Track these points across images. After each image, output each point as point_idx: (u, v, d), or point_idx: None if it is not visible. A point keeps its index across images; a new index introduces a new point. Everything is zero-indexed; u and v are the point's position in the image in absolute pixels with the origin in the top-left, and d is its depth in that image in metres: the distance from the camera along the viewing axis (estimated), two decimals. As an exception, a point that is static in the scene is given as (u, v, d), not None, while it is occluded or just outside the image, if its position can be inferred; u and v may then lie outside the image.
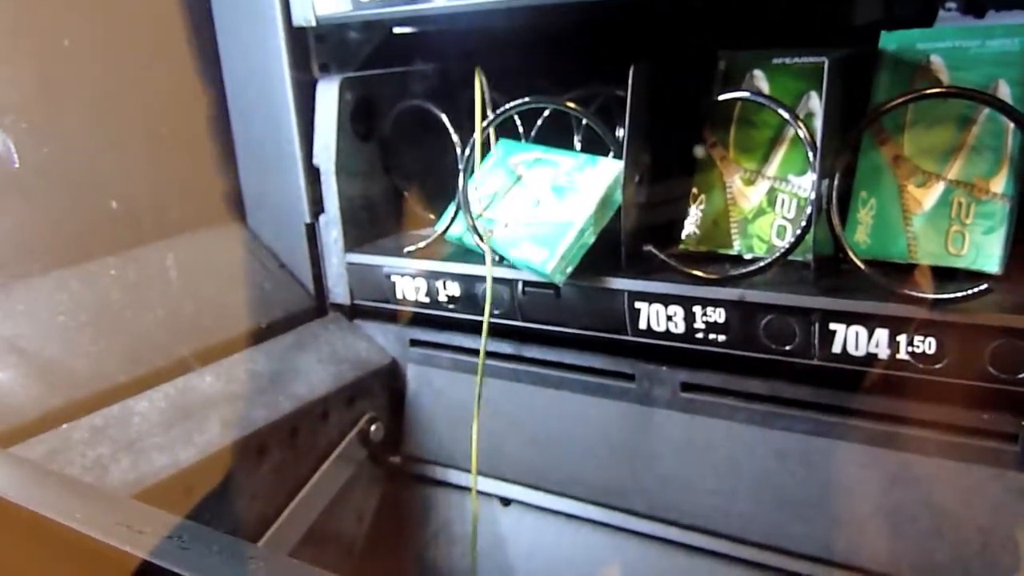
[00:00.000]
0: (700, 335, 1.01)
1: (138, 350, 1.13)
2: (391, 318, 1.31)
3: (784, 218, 1.03)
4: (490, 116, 1.16)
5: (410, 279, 1.22)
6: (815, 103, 1.02)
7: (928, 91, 0.91)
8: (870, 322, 0.90)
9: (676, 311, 1.02)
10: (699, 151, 1.10)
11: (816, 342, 0.94)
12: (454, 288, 1.18)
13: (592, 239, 1.06)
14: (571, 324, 1.11)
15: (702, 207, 1.09)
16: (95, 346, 1.10)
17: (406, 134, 1.32)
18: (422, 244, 1.22)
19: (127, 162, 1.26)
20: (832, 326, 0.92)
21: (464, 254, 1.19)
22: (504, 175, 1.18)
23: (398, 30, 1.33)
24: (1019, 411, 0.88)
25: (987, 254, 0.92)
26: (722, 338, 1.00)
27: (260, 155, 1.33)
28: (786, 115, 0.98)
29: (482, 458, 1.16)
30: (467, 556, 1.32)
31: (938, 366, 0.88)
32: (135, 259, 1.23)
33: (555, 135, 1.23)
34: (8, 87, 1.14)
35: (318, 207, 1.30)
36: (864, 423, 0.96)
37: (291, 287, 1.34)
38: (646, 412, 1.10)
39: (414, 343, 1.29)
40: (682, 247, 1.09)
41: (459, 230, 1.20)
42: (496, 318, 1.15)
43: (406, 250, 1.23)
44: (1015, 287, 0.89)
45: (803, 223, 0.95)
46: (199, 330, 1.20)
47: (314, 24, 1.21)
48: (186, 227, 1.32)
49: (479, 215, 1.15)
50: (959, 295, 0.86)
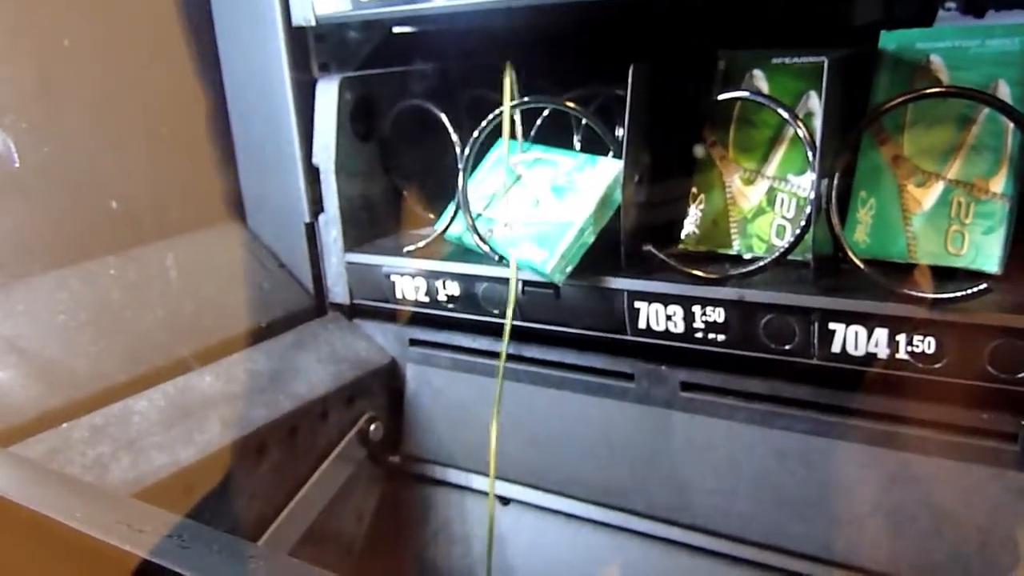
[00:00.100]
0: (700, 335, 1.01)
1: (138, 349, 1.13)
2: (391, 318, 1.31)
3: (783, 218, 1.03)
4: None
5: (409, 279, 1.22)
6: (815, 103, 1.02)
7: (928, 91, 0.91)
8: (870, 322, 0.90)
9: (676, 311, 1.02)
10: (699, 151, 1.10)
11: (816, 342, 0.94)
12: (454, 288, 1.18)
13: (592, 239, 1.06)
14: (571, 324, 1.11)
15: (702, 207, 1.09)
16: (95, 345, 1.10)
17: (406, 134, 1.32)
18: (422, 244, 1.22)
19: (127, 162, 1.26)
20: (831, 326, 0.92)
21: (464, 254, 1.19)
22: (504, 175, 1.18)
23: (398, 30, 1.33)
24: (1019, 411, 0.88)
25: (987, 254, 0.92)
26: (722, 338, 1.00)
27: (260, 155, 1.33)
28: (786, 115, 0.98)
29: (481, 457, 1.16)
30: (466, 556, 1.32)
31: (937, 366, 0.88)
32: (135, 259, 1.24)
33: (555, 135, 1.23)
34: (8, 87, 1.14)
35: (318, 207, 1.30)
36: (864, 423, 0.96)
37: (291, 287, 1.34)
38: (646, 412, 1.10)
39: (413, 343, 1.29)
40: (682, 247, 1.09)
41: (459, 230, 1.20)
42: (495, 318, 1.15)
43: (406, 250, 1.23)
44: (1015, 287, 0.89)
45: (802, 223, 0.95)
46: (199, 330, 1.20)
47: (314, 24, 1.21)
48: (186, 227, 1.32)
49: (479, 215, 1.15)
50: (959, 295, 0.86)
